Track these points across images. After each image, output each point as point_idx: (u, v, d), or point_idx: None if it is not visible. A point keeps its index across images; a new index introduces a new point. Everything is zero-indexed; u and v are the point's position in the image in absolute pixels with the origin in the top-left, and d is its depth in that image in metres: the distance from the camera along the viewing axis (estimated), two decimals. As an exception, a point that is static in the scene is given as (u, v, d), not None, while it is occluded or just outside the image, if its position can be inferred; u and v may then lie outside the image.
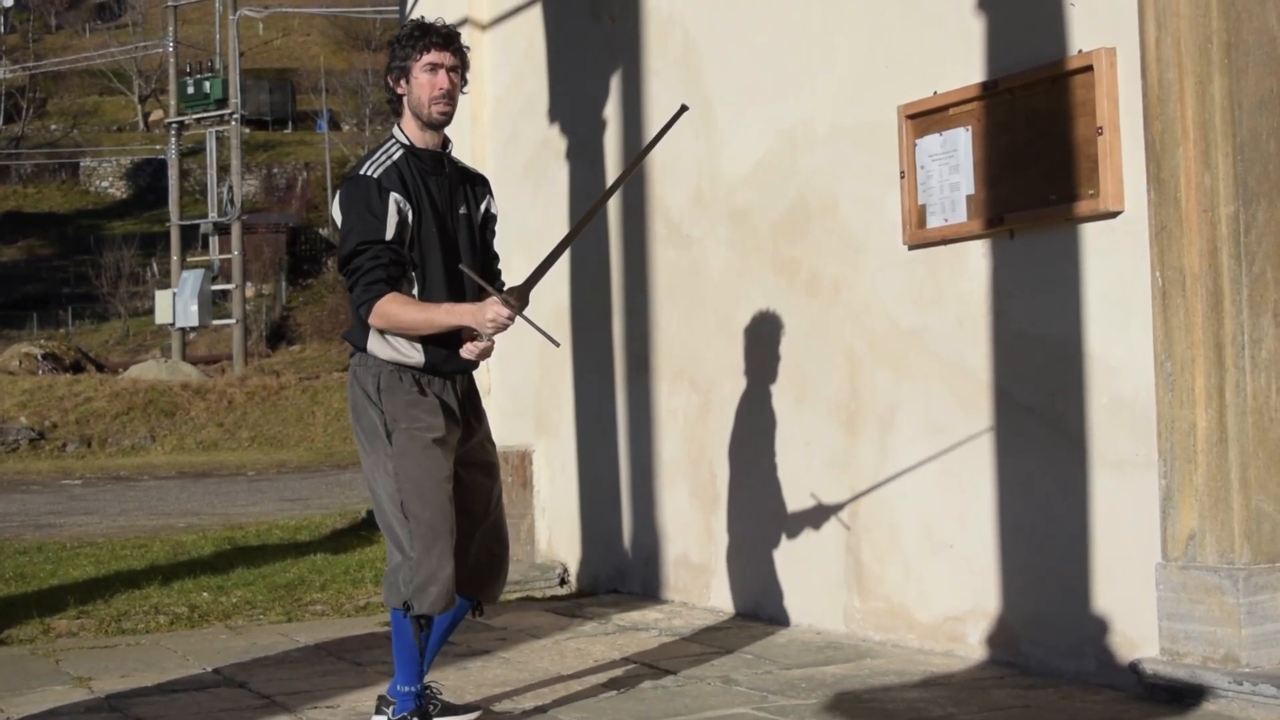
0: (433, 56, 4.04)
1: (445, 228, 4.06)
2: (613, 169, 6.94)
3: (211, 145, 39.13)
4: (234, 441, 27.51)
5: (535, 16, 7.49)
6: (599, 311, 7.02)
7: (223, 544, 9.43)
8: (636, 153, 6.78)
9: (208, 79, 38.00)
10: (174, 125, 38.59)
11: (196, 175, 48.37)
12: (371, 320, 3.95)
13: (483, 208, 4.23)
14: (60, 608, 6.76)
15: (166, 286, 37.33)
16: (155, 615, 6.58)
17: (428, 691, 4.25)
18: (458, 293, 4.03)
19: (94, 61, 54.42)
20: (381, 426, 3.96)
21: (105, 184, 59.13)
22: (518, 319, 3.90)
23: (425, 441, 3.94)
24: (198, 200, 45.21)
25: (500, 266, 4.34)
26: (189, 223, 38.78)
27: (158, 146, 53.04)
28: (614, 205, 6.94)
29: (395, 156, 4.05)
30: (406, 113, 4.10)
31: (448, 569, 3.93)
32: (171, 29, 38.98)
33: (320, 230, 52.58)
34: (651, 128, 6.67)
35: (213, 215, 38.42)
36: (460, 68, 4.10)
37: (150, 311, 39.23)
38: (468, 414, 4.13)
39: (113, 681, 5.09)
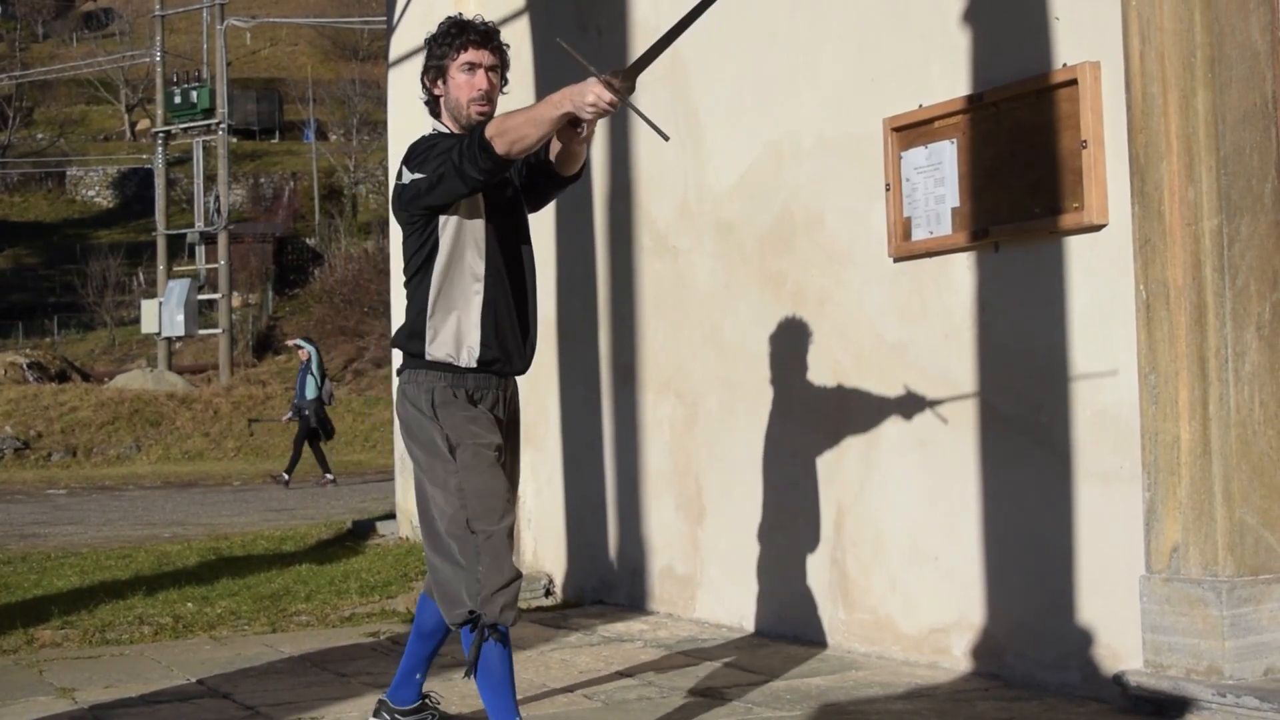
0: (470, 55, 3.86)
1: (495, 205, 3.87)
2: (600, 179, 6.94)
3: (198, 155, 39.15)
4: (219, 451, 27.47)
5: (522, 28, 7.51)
6: (585, 323, 7.03)
7: (208, 554, 9.41)
8: (624, 163, 6.80)
9: (195, 88, 37.99)
10: (161, 134, 38.58)
11: (183, 185, 48.36)
12: (493, 139, 3.55)
13: (524, 173, 4.00)
14: (44, 618, 6.74)
15: (153, 296, 37.31)
16: (139, 626, 6.57)
17: (427, 700, 4.28)
18: (516, 271, 3.89)
19: (81, 71, 54.36)
20: (443, 442, 3.78)
21: (92, 193, 59.07)
22: (622, 106, 3.55)
23: (490, 458, 3.79)
24: (184, 210, 45.16)
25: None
26: (175, 232, 38.74)
27: (144, 156, 52.99)
28: (600, 217, 6.95)
29: None
30: (444, 114, 3.94)
31: (519, 581, 3.75)
32: (159, 38, 38.98)
33: (307, 240, 52.58)
34: (639, 139, 6.68)
35: (199, 225, 38.40)
36: (500, 66, 3.92)
37: (136, 321, 39.19)
38: (510, 433, 4.01)
39: (96, 692, 5.07)
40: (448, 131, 3.90)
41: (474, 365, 3.85)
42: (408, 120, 9.11)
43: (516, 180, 4.00)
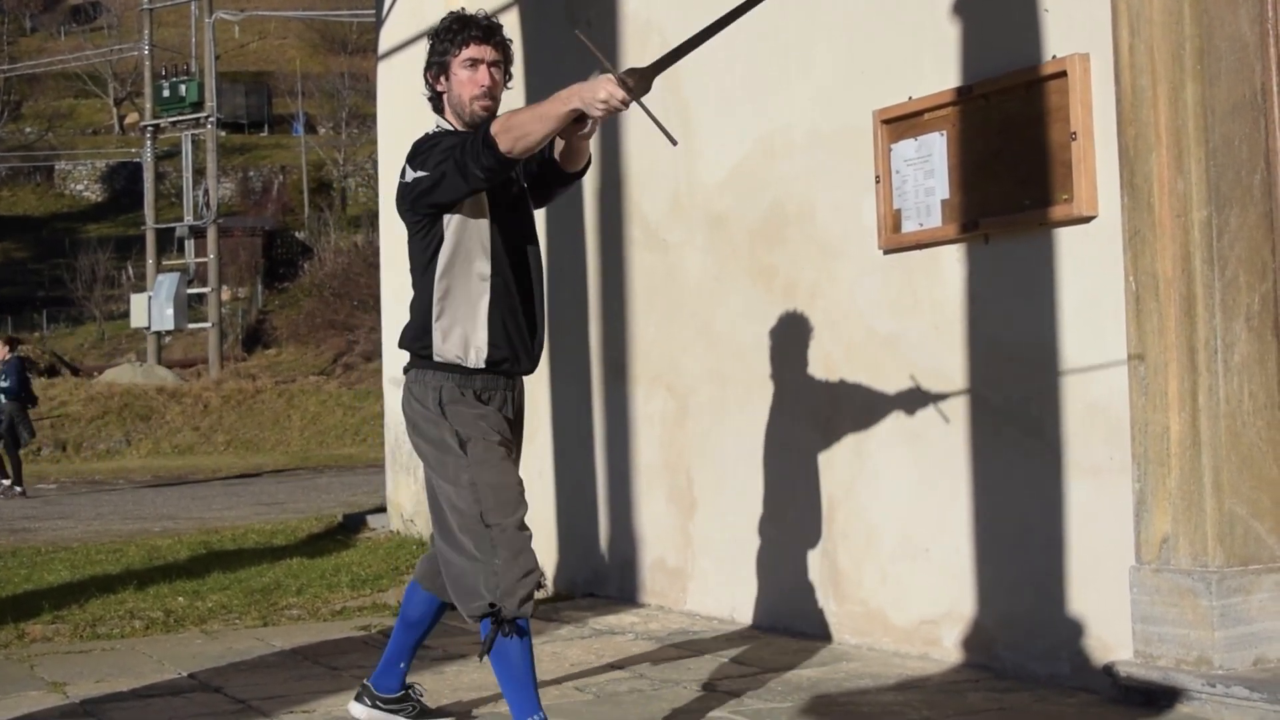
0: (473, 51, 3.84)
1: (500, 203, 3.84)
2: (591, 172, 6.86)
3: (187, 148, 39.00)
4: (210, 445, 27.43)
5: (511, 20, 7.49)
6: (576, 317, 7.03)
7: (198, 548, 9.40)
8: (614, 156, 6.79)
9: (183, 82, 37.87)
10: (149, 128, 38.46)
11: (172, 178, 48.24)
12: (498, 136, 3.53)
13: (532, 169, 3.98)
14: (35, 612, 6.73)
15: (142, 290, 37.21)
16: (130, 620, 6.56)
17: (410, 691, 4.28)
18: (522, 269, 3.86)
19: (69, 64, 54.14)
20: (453, 438, 3.76)
21: (80, 187, 58.90)
22: (633, 105, 3.53)
23: (501, 453, 3.78)
24: (173, 203, 45.06)
25: None
26: (164, 226, 38.63)
27: (133, 150, 52.86)
28: (591, 210, 6.95)
29: None
30: (448, 110, 3.92)
31: (537, 573, 3.71)
32: (147, 32, 38.88)
33: (297, 234, 52.45)
34: (629, 132, 6.67)
35: (188, 218, 38.27)
36: (503, 61, 3.90)
37: (125, 315, 39.09)
38: (516, 431, 3.98)
39: (87, 686, 5.07)
40: (451, 129, 3.87)
41: (482, 366, 3.82)
42: (396, 114, 9.11)
43: (522, 179, 3.97)
